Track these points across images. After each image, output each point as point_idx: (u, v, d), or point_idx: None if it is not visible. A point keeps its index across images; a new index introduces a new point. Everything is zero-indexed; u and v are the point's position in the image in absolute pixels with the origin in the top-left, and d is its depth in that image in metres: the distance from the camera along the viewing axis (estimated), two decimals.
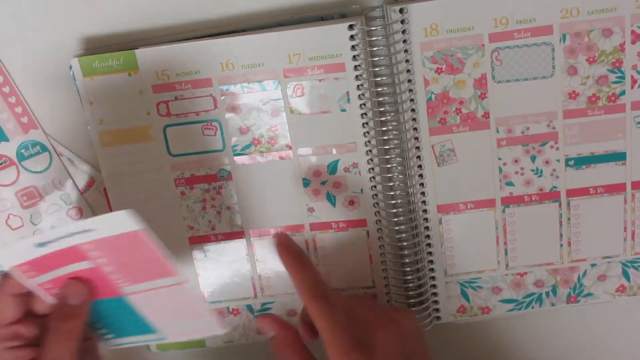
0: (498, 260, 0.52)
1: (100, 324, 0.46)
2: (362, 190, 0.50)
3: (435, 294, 0.52)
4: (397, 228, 0.50)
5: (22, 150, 0.50)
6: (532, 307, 0.53)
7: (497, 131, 0.49)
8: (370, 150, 0.49)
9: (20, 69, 0.49)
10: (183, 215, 0.51)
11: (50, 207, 0.52)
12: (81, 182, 0.52)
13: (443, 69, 0.48)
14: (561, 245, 0.51)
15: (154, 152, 0.50)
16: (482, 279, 0.52)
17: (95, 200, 0.52)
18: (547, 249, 0.51)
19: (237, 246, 0.51)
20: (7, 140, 0.50)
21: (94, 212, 0.52)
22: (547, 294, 0.52)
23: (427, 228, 0.51)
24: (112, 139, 0.49)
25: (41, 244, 0.40)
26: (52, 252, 0.41)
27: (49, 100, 0.50)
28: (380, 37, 0.47)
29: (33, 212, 0.51)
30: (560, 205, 0.50)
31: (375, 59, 0.47)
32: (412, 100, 0.48)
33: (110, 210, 0.51)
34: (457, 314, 0.53)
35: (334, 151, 0.49)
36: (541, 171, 0.50)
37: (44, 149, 0.50)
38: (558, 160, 0.49)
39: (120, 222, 0.40)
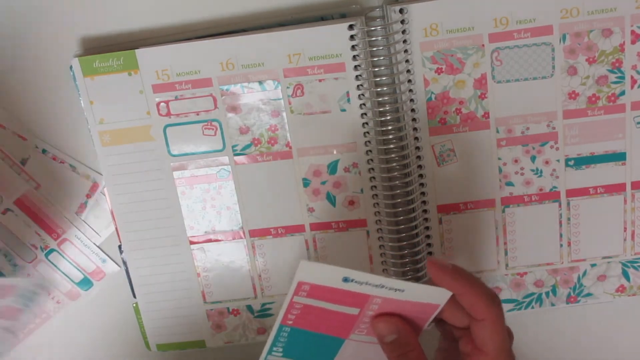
0: (498, 260, 0.52)
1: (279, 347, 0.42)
2: (362, 190, 0.50)
3: None
4: (397, 228, 0.50)
5: None
6: (532, 307, 0.53)
7: (497, 131, 0.49)
8: (370, 150, 0.49)
9: (20, 69, 0.50)
10: (183, 215, 0.51)
11: None
12: (85, 187, 0.52)
13: (443, 69, 0.48)
14: (561, 245, 0.51)
15: (154, 152, 0.50)
16: (481, 279, 0.52)
17: (99, 205, 0.52)
18: (547, 249, 0.51)
19: (237, 246, 0.51)
20: None
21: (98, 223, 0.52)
22: (547, 294, 0.52)
23: (427, 228, 0.51)
24: (112, 138, 0.49)
25: (346, 279, 0.38)
26: (345, 290, 0.38)
27: (49, 100, 0.50)
28: (380, 37, 0.47)
29: None
30: (560, 205, 0.50)
31: (375, 59, 0.47)
32: (412, 100, 0.48)
33: (112, 212, 0.51)
34: None
35: (334, 151, 0.49)
36: (541, 171, 0.50)
37: None
38: (558, 160, 0.50)
39: (433, 295, 0.39)
